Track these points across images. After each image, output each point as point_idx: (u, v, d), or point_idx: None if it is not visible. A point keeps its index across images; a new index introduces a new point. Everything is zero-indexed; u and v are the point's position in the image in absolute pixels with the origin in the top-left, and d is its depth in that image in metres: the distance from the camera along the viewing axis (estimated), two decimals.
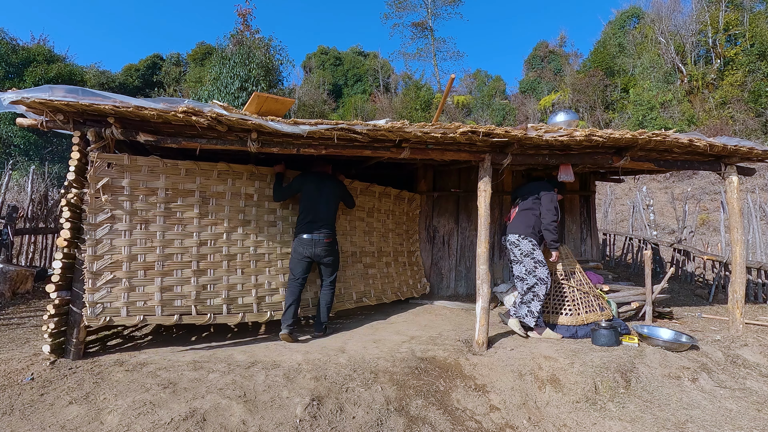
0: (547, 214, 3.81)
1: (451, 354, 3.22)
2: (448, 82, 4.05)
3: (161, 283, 3.26)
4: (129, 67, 26.96)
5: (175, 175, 3.40)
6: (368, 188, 4.85)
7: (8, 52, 16.13)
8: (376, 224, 4.96)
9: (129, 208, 3.20)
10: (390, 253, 5.08)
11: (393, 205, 5.22)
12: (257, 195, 3.82)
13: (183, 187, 3.43)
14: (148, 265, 3.24)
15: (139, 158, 3.27)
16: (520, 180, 5.97)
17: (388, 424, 2.44)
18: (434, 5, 32.67)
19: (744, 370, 3.25)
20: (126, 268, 3.15)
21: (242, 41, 16.30)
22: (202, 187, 3.52)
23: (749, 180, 11.74)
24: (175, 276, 3.33)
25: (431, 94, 24.82)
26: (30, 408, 2.32)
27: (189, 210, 3.45)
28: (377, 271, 4.83)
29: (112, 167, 3.15)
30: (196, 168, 3.50)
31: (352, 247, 4.59)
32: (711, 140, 3.65)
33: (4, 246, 5.31)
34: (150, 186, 3.29)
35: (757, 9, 19.32)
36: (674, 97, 18.31)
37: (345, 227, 4.54)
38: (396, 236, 5.24)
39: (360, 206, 4.72)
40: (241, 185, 3.73)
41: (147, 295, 3.20)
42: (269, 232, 3.86)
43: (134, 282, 3.18)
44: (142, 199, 3.26)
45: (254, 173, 3.82)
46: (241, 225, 3.70)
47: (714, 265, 6.57)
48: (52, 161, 15.45)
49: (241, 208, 3.71)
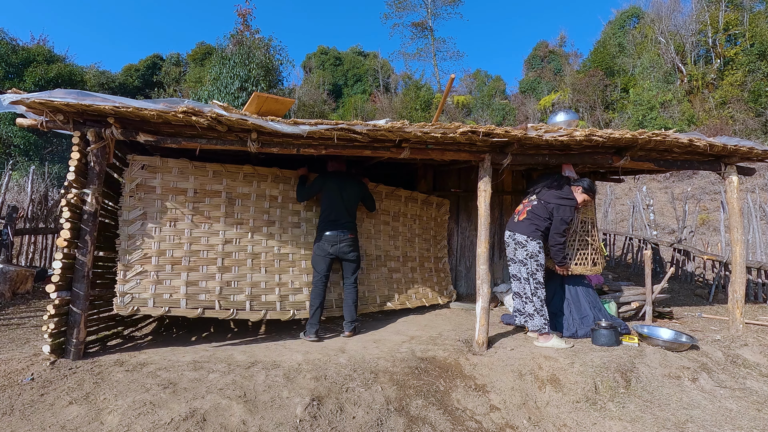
0: (555, 236, 3.59)
1: (451, 354, 3.22)
2: (448, 82, 4.05)
3: (187, 278, 3.40)
4: (129, 67, 26.96)
5: (203, 177, 3.60)
6: (393, 192, 4.85)
7: (8, 52, 16.11)
8: (401, 228, 4.93)
9: (159, 207, 3.40)
10: (416, 258, 5.03)
11: (420, 210, 5.16)
12: (281, 197, 3.97)
13: (210, 188, 3.62)
14: (175, 260, 3.40)
15: (170, 160, 3.48)
16: (520, 180, 5.97)
17: (388, 424, 2.44)
18: (434, 5, 32.68)
19: (744, 369, 3.25)
20: (155, 262, 3.32)
21: (242, 41, 16.30)
22: (228, 188, 3.70)
23: (749, 180, 11.74)
24: (200, 271, 3.48)
25: (431, 94, 24.83)
26: (30, 408, 2.32)
27: (215, 210, 3.62)
28: (402, 275, 4.80)
29: (145, 168, 3.38)
30: (222, 170, 3.68)
31: (376, 251, 4.59)
32: (711, 140, 3.65)
33: (4, 246, 5.31)
34: (179, 186, 3.49)
35: (757, 9, 19.32)
36: (674, 97, 18.31)
37: (369, 230, 4.57)
38: (423, 241, 5.19)
39: (385, 210, 4.74)
40: (266, 187, 3.88)
41: (173, 288, 3.35)
42: (293, 233, 3.98)
43: (162, 275, 3.34)
44: (172, 198, 3.46)
45: (279, 176, 3.96)
46: (266, 225, 3.83)
47: (714, 265, 6.58)
48: (52, 161, 15.44)
49: (265, 209, 3.85)
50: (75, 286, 2.97)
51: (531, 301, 3.62)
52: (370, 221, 4.59)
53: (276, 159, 5.11)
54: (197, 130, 3.07)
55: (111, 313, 3.53)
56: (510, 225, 3.86)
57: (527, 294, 3.65)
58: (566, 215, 3.60)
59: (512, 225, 3.83)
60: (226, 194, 3.68)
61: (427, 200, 5.26)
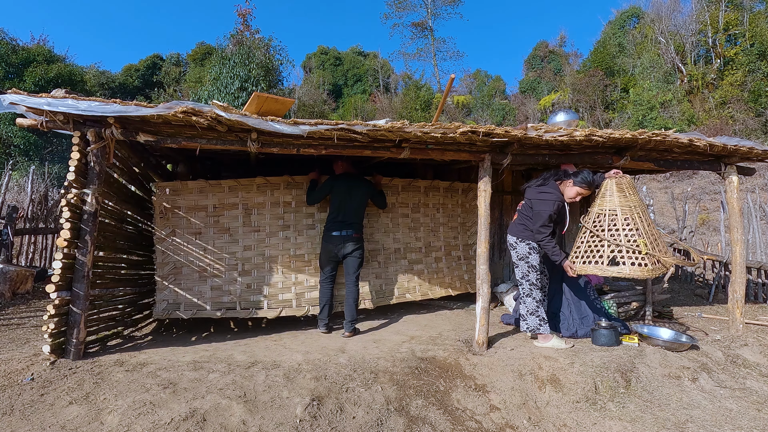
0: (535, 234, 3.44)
1: (451, 354, 3.22)
2: (448, 82, 4.05)
3: (212, 284, 3.85)
4: (129, 67, 26.98)
5: (220, 192, 3.99)
6: (411, 184, 4.82)
7: (8, 52, 16.12)
8: (423, 219, 4.89)
9: (185, 223, 3.88)
10: (441, 248, 4.96)
11: (444, 198, 5.08)
12: (295, 202, 4.20)
13: (228, 201, 4.01)
14: (201, 269, 3.86)
15: (189, 182, 3.95)
16: (521, 180, 5.96)
17: (388, 424, 2.44)
18: (434, 5, 32.72)
19: (744, 369, 3.25)
20: (184, 272, 3.81)
21: (242, 41, 16.31)
22: (244, 199, 4.04)
23: (749, 180, 11.74)
24: (223, 277, 3.89)
25: (431, 94, 24.83)
26: (30, 408, 2.32)
27: (234, 220, 4.01)
28: (425, 266, 4.78)
29: (170, 192, 3.90)
30: (237, 184, 4.03)
31: (395, 244, 4.62)
32: (711, 140, 3.65)
33: (4, 246, 5.31)
34: (200, 203, 3.94)
35: (757, 9, 19.32)
36: (674, 96, 18.31)
37: (387, 224, 4.61)
38: (449, 230, 5.10)
39: (402, 203, 4.75)
40: (279, 195, 4.15)
41: (200, 294, 3.79)
42: (308, 234, 4.20)
43: (189, 284, 3.80)
44: (195, 214, 3.92)
45: (290, 182, 4.18)
46: (281, 229, 4.12)
47: (714, 265, 6.58)
48: (52, 161, 15.44)
49: (280, 215, 4.14)
50: (75, 286, 2.97)
51: (524, 302, 3.59)
52: (387, 215, 4.61)
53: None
54: (197, 130, 3.07)
55: (111, 313, 3.53)
56: (509, 227, 3.83)
57: (522, 295, 3.64)
58: (543, 210, 3.41)
59: (509, 227, 3.80)
60: (243, 205, 4.02)
61: (452, 187, 5.15)
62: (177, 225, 3.84)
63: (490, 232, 3.59)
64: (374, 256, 4.46)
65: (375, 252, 4.48)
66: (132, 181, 4.08)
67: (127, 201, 3.88)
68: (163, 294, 3.71)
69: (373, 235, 4.49)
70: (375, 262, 4.46)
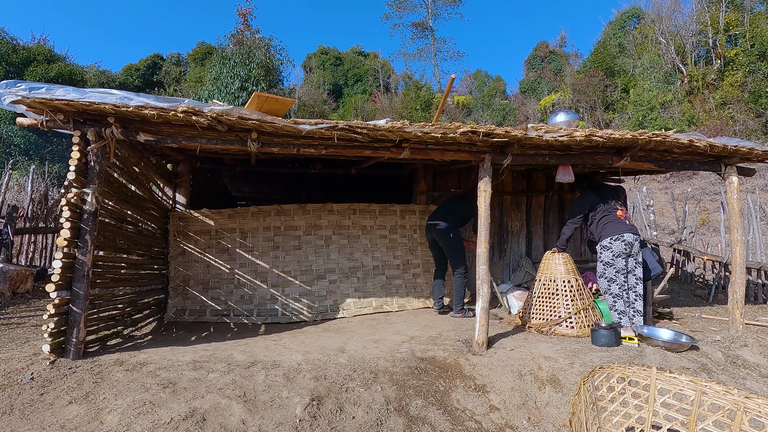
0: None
1: (451, 354, 3.22)
2: (448, 82, 4.05)
3: (211, 294, 4.56)
4: (129, 67, 26.97)
5: (220, 219, 4.78)
6: (387, 208, 5.36)
7: (8, 51, 16.13)
8: (400, 240, 5.34)
9: (193, 245, 4.68)
10: (419, 265, 5.35)
11: (420, 220, 5.47)
12: (283, 226, 4.93)
13: (227, 226, 4.79)
14: (204, 281, 4.61)
15: (194, 212, 4.76)
16: (521, 180, 5.96)
17: (388, 424, 2.44)
18: (434, 5, 32.72)
19: (744, 370, 3.24)
20: (191, 284, 4.57)
21: (242, 41, 16.32)
22: (240, 225, 4.81)
23: (749, 180, 11.74)
24: (221, 289, 4.61)
25: (431, 94, 24.82)
26: (30, 407, 2.32)
27: (232, 242, 4.76)
28: (402, 282, 5.18)
29: (180, 220, 4.69)
30: (234, 213, 4.83)
31: (374, 262, 5.14)
32: (711, 141, 3.65)
33: (4, 245, 5.31)
34: (204, 228, 4.74)
35: (757, 9, 19.33)
36: (674, 97, 18.32)
37: (366, 245, 5.15)
38: (426, 248, 5.34)
39: (381, 225, 5.31)
40: (270, 221, 4.88)
41: (201, 302, 4.52)
42: (294, 254, 4.87)
43: (194, 294, 4.54)
44: (200, 236, 4.71)
45: (279, 210, 4.92)
46: (272, 249, 4.83)
47: (714, 266, 6.57)
48: (52, 161, 15.44)
49: (270, 237, 4.87)
50: (75, 286, 2.97)
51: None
52: (367, 237, 5.19)
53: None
54: (197, 129, 3.07)
55: (111, 313, 3.53)
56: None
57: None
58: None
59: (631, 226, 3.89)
60: (239, 230, 4.80)
61: (427, 209, 5.48)
62: (186, 245, 4.64)
63: (490, 232, 3.59)
64: (354, 272, 5.02)
65: (355, 269, 5.04)
66: (132, 180, 4.08)
67: (127, 201, 3.88)
68: (173, 301, 4.47)
69: (353, 254, 5.07)
70: (354, 278, 5.00)
